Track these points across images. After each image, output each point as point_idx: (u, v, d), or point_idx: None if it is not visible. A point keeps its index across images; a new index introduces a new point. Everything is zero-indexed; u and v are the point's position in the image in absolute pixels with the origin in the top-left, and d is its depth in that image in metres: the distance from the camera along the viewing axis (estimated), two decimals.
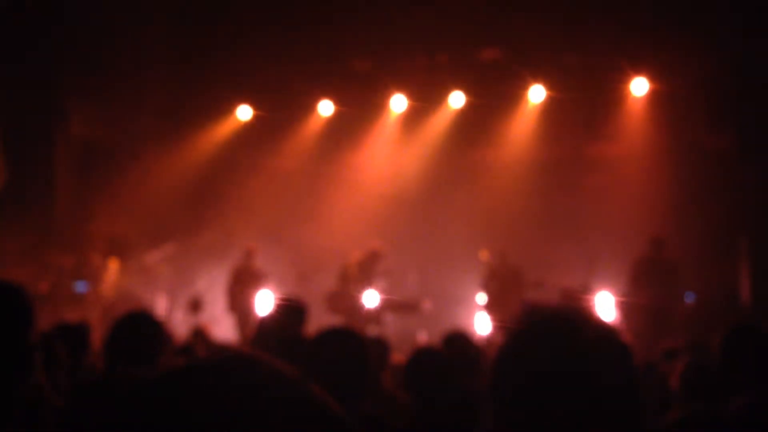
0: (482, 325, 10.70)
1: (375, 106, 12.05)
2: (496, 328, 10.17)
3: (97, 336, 5.66)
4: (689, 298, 10.36)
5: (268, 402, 0.87)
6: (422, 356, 3.77)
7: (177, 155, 12.15)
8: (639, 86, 11.15)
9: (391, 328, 10.93)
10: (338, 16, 11.25)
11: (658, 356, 5.60)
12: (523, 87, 11.46)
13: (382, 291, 11.09)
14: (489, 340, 9.58)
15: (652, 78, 11.03)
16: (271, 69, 11.43)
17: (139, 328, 2.92)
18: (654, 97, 11.17)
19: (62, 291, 10.89)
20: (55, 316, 8.45)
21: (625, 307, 9.90)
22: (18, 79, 10.66)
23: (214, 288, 11.74)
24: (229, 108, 12.27)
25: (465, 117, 11.84)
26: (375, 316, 10.97)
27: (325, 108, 12.15)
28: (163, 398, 0.89)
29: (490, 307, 10.96)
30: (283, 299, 6.73)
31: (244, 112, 12.28)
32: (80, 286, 11.18)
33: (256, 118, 12.24)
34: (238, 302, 11.00)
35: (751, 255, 10.50)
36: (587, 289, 10.45)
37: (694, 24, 10.22)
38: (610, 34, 10.63)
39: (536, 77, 11.34)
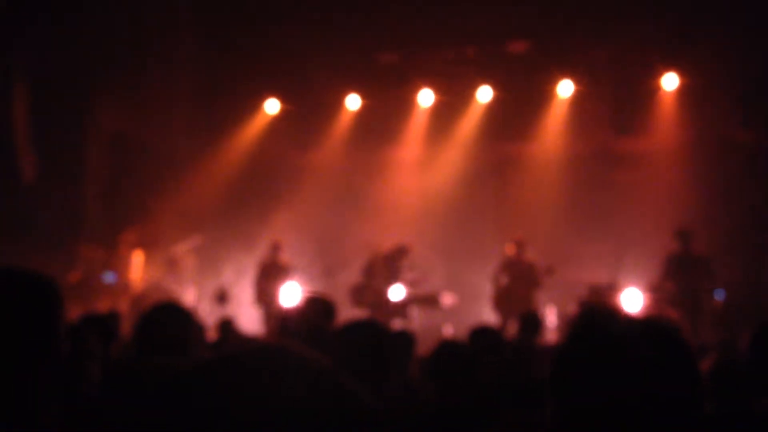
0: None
1: (402, 100, 12.04)
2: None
3: (126, 327, 5.73)
4: (719, 296, 10.23)
5: (299, 391, 0.88)
6: (446, 348, 3.79)
7: (207, 148, 12.24)
8: (669, 81, 11.04)
9: (418, 322, 10.93)
10: (365, 9, 11.24)
11: None
12: (552, 81, 11.38)
13: (408, 285, 11.07)
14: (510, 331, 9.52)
15: (683, 73, 10.91)
16: (298, 63, 11.46)
17: (169, 319, 2.94)
18: (684, 91, 11.06)
19: (92, 282, 11.01)
20: (84, 306, 8.55)
21: (654, 303, 9.81)
22: (47, 73, 10.78)
23: (240, 280, 11.81)
24: (257, 101, 12.33)
25: (493, 111, 11.79)
26: (400, 309, 10.96)
27: (353, 102, 12.17)
28: (197, 388, 0.90)
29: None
30: (310, 293, 6.75)
31: (272, 106, 12.34)
32: (109, 277, 11.30)
33: (284, 111, 12.30)
34: (265, 295, 11.05)
35: None
36: (615, 285, 10.36)
37: (724, 18, 10.10)
38: (641, 28, 10.53)
39: (565, 71, 11.26)
